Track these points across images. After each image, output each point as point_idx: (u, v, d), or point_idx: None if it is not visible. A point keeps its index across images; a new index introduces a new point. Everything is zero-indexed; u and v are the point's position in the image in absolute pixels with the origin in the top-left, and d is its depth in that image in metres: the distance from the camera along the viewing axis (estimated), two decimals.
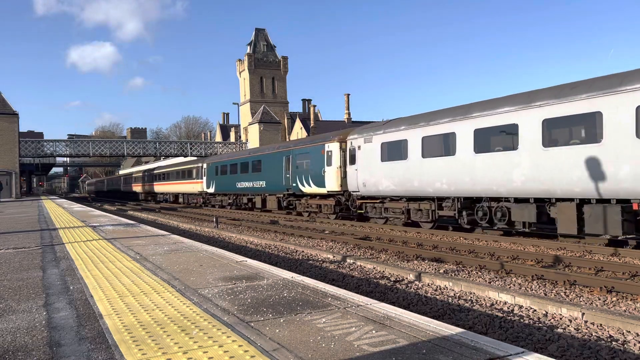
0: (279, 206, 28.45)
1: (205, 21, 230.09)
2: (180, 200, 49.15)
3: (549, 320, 6.59)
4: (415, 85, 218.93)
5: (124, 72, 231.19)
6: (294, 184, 25.48)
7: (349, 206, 22.34)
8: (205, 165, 39.95)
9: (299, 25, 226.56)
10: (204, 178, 40.03)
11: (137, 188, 66.96)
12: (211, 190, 38.57)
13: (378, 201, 19.78)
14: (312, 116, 76.23)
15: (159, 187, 55.27)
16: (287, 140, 67.82)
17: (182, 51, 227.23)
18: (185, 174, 45.53)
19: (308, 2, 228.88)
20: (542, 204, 13.51)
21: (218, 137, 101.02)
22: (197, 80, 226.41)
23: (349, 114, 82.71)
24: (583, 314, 6.55)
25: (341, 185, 22.00)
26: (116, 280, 5.69)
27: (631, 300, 7.50)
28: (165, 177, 52.73)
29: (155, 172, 57.50)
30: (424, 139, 16.86)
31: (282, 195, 27.75)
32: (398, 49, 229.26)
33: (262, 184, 29.61)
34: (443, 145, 16.18)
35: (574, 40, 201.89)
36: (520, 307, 7.26)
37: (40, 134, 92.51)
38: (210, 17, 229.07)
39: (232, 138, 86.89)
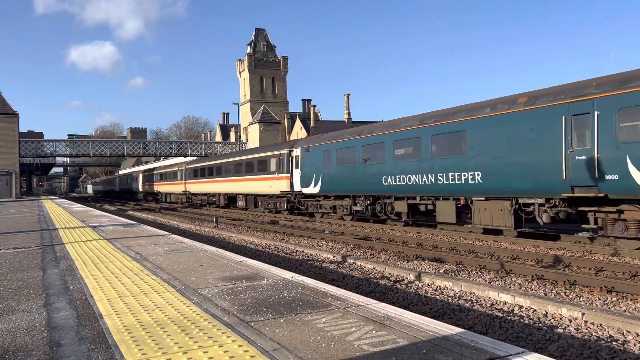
0: (516, 223, 13.98)
1: (205, 21, 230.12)
2: (241, 204, 34.05)
3: (549, 320, 6.59)
4: (415, 85, 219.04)
5: (124, 71, 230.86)
6: (612, 176, 11.33)
7: None
8: (298, 152, 25.78)
9: (299, 25, 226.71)
10: (296, 171, 25.68)
11: (168, 188, 50.58)
12: (313, 189, 23.93)
13: None
14: (312, 116, 76.20)
15: (204, 187, 40.59)
16: (288, 140, 66.00)
17: (183, 51, 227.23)
18: (253, 167, 31.11)
19: (308, 2, 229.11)
20: None
21: (218, 137, 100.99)
22: (197, 80, 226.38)
23: (349, 114, 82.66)
24: (583, 314, 6.55)
25: None
26: (116, 280, 5.69)
27: (631, 300, 7.50)
28: (214, 172, 38.27)
29: (197, 166, 42.81)
30: None
31: (541, 201, 13.30)
32: (398, 48, 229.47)
33: (467, 177, 15.08)
34: None
35: (576, 40, 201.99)
36: (520, 307, 7.26)
37: (40, 134, 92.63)
38: (211, 17, 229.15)
39: (232, 138, 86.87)
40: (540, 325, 6.38)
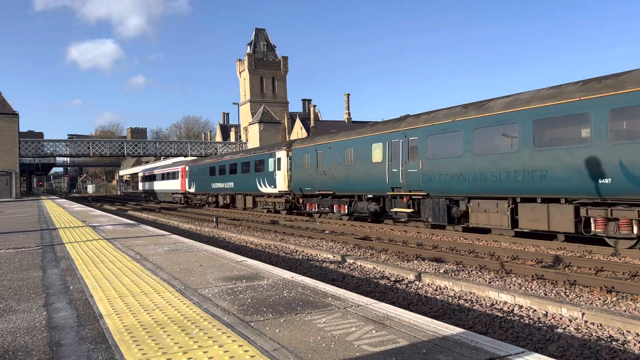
0: None
1: (206, 20, 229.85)
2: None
3: (549, 320, 6.59)
4: (415, 85, 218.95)
5: (125, 70, 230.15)
6: None
7: None
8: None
9: (299, 25, 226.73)
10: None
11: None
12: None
13: None
14: (312, 116, 76.22)
15: None
16: (288, 139, 65.25)
17: (184, 49, 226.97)
18: None
19: (308, 2, 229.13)
20: None
21: (218, 137, 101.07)
22: (197, 80, 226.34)
23: (349, 114, 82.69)
24: (583, 314, 6.55)
25: None
26: (116, 280, 5.69)
27: (631, 300, 7.50)
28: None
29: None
30: None
31: None
32: (398, 48, 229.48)
33: None
34: None
35: (579, 38, 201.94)
36: (520, 307, 7.26)
37: (40, 134, 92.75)
38: (212, 15, 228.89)
39: (232, 138, 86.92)
40: (540, 325, 6.38)
